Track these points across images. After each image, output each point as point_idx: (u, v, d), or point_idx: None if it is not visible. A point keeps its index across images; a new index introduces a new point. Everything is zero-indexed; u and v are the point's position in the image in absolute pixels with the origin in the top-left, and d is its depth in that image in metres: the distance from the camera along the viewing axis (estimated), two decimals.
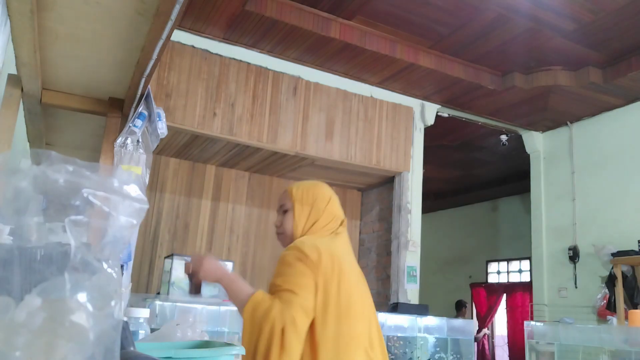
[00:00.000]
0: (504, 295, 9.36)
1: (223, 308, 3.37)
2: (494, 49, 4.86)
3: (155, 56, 1.44)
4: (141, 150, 1.82)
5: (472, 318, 9.39)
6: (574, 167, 6.09)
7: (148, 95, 1.79)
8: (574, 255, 5.87)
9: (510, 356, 8.88)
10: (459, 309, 7.76)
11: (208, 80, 4.60)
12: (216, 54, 4.67)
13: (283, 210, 1.65)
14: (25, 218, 0.44)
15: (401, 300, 5.15)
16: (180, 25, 4.37)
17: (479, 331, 8.93)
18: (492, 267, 9.88)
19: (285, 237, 1.63)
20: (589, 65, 5.09)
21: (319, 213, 1.62)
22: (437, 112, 5.87)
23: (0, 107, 1.69)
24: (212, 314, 3.34)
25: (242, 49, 4.78)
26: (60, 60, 1.59)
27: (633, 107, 5.62)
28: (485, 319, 9.48)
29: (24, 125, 2.08)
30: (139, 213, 0.47)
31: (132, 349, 0.53)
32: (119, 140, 1.77)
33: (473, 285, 9.93)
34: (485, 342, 9.20)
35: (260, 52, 4.86)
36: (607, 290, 5.41)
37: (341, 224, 1.66)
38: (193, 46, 4.57)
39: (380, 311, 4.42)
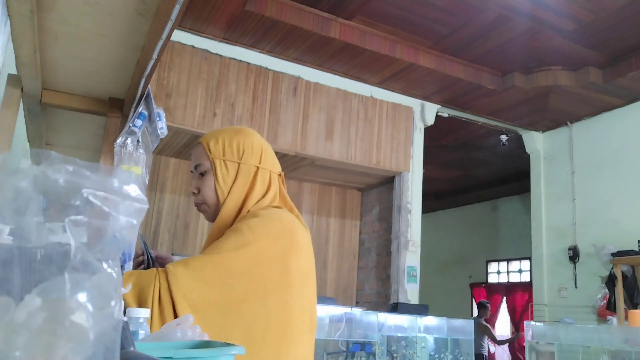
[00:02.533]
0: (505, 295, 9.36)
1: None
2: (494, 49, 4.86)
3: (155, 56, 1.44)
4: (141, 150, 1.82)
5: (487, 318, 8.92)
6: (574, 167, 6.09)
7: (148, 95, 1.79)
8: (574, 255, 5.87)
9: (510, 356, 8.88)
10: (482, 308, 7.14)
11: (208, 80, 4.60)
12: (216, 54, 4.67)
13: (200, 173, 1.22)
14: (25, 218, 0.44)
15: (401, 300, 5.15)
16: (180, 25, 4.37)
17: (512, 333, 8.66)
18: (492, 267, 9.89)
19: (208, 209, 1.22)
20: (589, 65, 5.09)
21: (250, 172, 1.21)
22: (437, 112, 5.87)
23: (0, 107, 1.69)
24: None
25: (242, 49, 4.78)
26: (60, 60, 1.59)
27: (633, 107, 5.62)
28: (489, 320, 9.42)
29: (24, 125, 2.08)
30: (139, 213, 0.47)
31: (132, 349, 0.53)
32: (119, 140, 1.77)
33: (473, 285, 9.94)
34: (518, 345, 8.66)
35: (260, 52, 4.86)
36: (607, 290, 5.41)
37: (282, 182, 1.28)
38: (193, 46, 4.57)
39: (380, 311, 4.42)
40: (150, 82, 1.69)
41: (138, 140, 1.81)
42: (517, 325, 9.10)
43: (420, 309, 4.62)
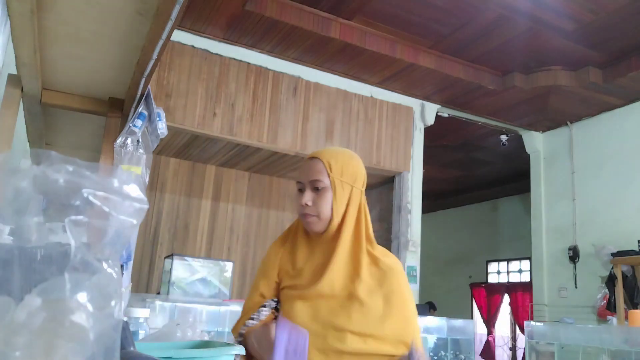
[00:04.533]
0: (505, 295, 9.36)
1: (223, 308, 3.37)
2: (494, 49, 4.86)
3: (155, 56, 1.44)
4: (141, 150, 1.82)
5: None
6: (574, 167, 6.09)
7: (148, 95, 1.79)
8: (574, 255, 5.87)
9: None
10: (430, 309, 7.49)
11: (208, 80, 4.60)
12: (216, 54, 4.67)
13: (315, 187, 1.31)
14: (25, 218, 0.44)
15: None
16: (180, 25, 4.37)
17: None
18: (492, 267, 9.89)
19: (318, 222, 1.31)
20: (589, 65, 5.09)
21: (359, 196, 1.35)
22: (437, 112, 5.87)
23: (0, 107, 1.69)
24: (212, 314, 3.34)
25: (242, 49, 4.78)
26: (60, 60, 1.59)
27: (633, 107, 5.62)
28: (490, 320, 9.46)
29: (24, 125, 2.08)
30: (139, 213, 0.47)
31: (132, 349, 0.53)
32: (119, 140, 1.77)
33: (473, 285, 9.94)
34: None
35: (260, 52, 4.86)
36: (607, 290, 5.41)
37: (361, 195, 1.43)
38: (193, 46, 4.57)
39: None
40: (150, 82, 1.69)
41: (138, 140, 1.81)
42: (519, 325, 9.14)
43: (420, 309, 4.62)
